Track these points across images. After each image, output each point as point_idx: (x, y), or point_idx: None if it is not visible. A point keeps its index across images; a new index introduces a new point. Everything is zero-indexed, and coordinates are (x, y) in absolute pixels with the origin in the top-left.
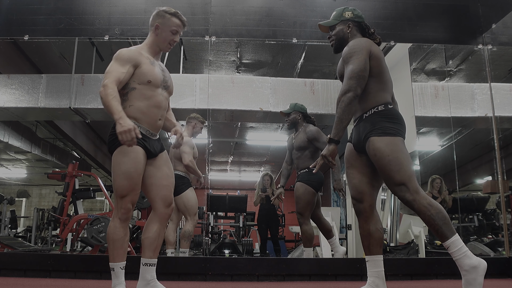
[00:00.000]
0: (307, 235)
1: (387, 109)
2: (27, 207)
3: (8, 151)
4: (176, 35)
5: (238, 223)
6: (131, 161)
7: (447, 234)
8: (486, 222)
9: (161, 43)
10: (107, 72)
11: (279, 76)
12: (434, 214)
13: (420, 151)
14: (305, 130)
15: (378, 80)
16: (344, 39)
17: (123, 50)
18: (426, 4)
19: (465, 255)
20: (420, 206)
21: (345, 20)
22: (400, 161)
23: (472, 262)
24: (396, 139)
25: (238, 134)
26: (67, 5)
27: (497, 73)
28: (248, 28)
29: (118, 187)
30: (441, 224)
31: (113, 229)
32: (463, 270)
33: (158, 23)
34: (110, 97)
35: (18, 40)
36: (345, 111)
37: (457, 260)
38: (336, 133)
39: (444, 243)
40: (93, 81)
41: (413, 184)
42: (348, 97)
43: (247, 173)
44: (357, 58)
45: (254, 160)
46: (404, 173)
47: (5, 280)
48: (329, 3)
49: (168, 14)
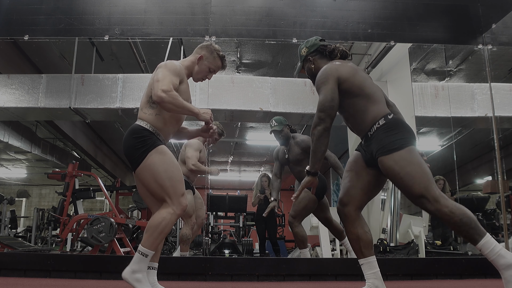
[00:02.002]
0: (300, 237)
1: (388, 121)
2: (27, 207)
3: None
4: (211, 74)
5: (238, 223)
6: (171, 156)
7: (476, 237)
8: (486, 222)
9: (196, 73)
10: (159, 80)
11: (279, 76)
12: (458, 221)
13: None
14: (296, 142)
15: (363, 96)
16: (314, 75)
17: (173, 62)
18: (426, 4)
19: (499, 254)
20: (443, 215)
21: (305, 58)
22: (412, 175)
23: (507, 261)
24: (403, 152)
25: (238, 134)
26: (67, 5)
27: (497, 73)
28: (248, 28)
29: (177, 182)
30: (467, 229)
31: (169, 222)
32: (500, 269)
33: (204, 56)
34: (178, 98)
35: (18, 40)
36: (317, 144)
37: (492, 261)
38: (312, 166)
39: (476, 246)
40: (93, 81)
41: (431, 194)
42: (318, 130)
43: (247, 173)
44: (324, 89)
45: (254, 160)
46: (419, 185)
47: (5, 280)
48: (329, 3)
49: (216, 53)
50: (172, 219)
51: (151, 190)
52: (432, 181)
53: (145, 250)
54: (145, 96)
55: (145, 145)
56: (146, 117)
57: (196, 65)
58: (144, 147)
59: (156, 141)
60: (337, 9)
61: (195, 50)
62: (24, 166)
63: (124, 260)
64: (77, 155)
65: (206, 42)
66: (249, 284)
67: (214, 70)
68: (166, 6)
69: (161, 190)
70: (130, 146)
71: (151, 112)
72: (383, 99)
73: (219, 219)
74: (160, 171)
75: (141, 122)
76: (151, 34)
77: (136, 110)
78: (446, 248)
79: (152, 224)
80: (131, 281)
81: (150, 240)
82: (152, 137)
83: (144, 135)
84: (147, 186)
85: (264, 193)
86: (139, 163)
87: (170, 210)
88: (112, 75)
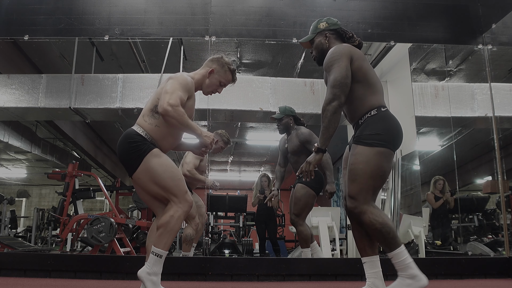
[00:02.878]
0: (303, 236)
1: (379, 113)
2: (27, 207)
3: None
4: (221, 88)
5: (238, 223)
6: (167, 158)
7: (391, 247)
8: (486, 222)
9: (207, 86)
10: (167, 92)
11: (279, 76)
12: (378, 229)
13: (420, 151)
14: (297, 134)
15: (365, 83)
16: (324, 50)
17: (185, 77)
18: (426, 4)
19: (408, 266)
20: (365, 220)
21: (321, 32)
22: (361, 174)
23: (413, 272)
24: (370, 150)
25: (238, 134)
26: (67, 5)
27: (497, 73)
28: (248, 28)
29: (179, 181)
30: (385, 238)
31: (177, 220)
32: (403, 278)
33: (215, 69)
34: (184, 116)
35: (18, 40)
36: (330, 121)
37: (399, 269)
38: (323, 142)
39: (388, 254)
40: (93, 81)
41: (364, 199)
42: (333, 106)
43: (247, 173)
44: (338, 65)
45: (254, 160)
46: (360, 186)
47: (5, 280)
48: (329, 3)
49: (227, 67)
50: (181, 217)
51: (153, 193)
52: (374, 192)
53: (159, 251)
54: (150, 103)
55: (139, 150)
56: (145, 125)
57: (207, 79)
58: (138, 152)
59: (150, 146)
60: (337, 9)
61: (206, 63)
62: (24, 166)
63: (124, 260)
64: (77, 155)
65: (217, 55)
66: (249, 284)
67: (225, 84)
68: (166, 6)
69: (165, 191)
70: (125, 152)
71: (152, 122)
72: (382, 92)
73: (219, 219)
74: (160, 172)
75: (138, 128)
76: (151, 34)
77: (136, 110)
78: (446, 248)
79: (161, 224)
80: (146, 282)
81: (163, 240)
82: (145, 142)
83: (137, 140)
84: (148, 189)
85: (264, 193)
86: (135, 168)
87: (177, 208)
88: (112, 75)
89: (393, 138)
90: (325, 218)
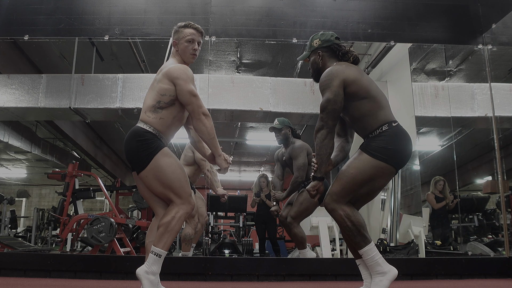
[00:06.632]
0: (299, 238)
1: (392, 128)
2: (27, 207)
3: (8, 151)
4: (193, 43)
5: (238, 223)
6: (176, 158)
7: (361, 244)
8: (486, 222)
9: (184, 56)
10: (196, 96)
11: (279, 76)
12: (349, 226)
13: (420, 151)
14: (293, 147)
15: (371, 99)
16: (318, 69)
17: (190, 73)
18: (426, 4)
19: (377, 262)
20: (337, 217)
21: (315, 50)
22: (347, 179)
23: (382, 269)
24: (370, 160)
25: (238, 134)
26: (67, 5)
27: (497, 73)
28: (248, 28)
29: (184, 183)
30: (355, 235)
31: (179, 220)
32: (374, 274)
33: (175, 39)
34: (214, 134)
35: (18, 40)
36: (321, 148)
37: (369, 267)
38: (318, 170)
39: (359, 251)
40: (93, 81)
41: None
42: (322, 133)
43: (247, 173)
44: (328, 90)
45: (254, 160)
46: (340, 187)
47: (5, 280)
48: (329, 3)
49: (180, 27)
50: (182, 218)
51: (157, 192)
52: (354, 198)
53: (158, 251)
54: (150, 100)
55: (149, 148)
56: (149, 120)
57: (177, 52)
58: (148, 150)
59: (160, 144)
60: (337, 9)
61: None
62: (24, 166)
63: (124, 260)
64: (77, 155)
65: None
66: (249, 284)
67: (191, 38)
68: (166, 6)
69: (169, 191)
70: (134, 150)
71: (156, 116)
72: (388, 105)
73: (219, 219)
74: (168, 173)
75: (144, 125)
76: (151, 34)
77: (136, 110)
78: (446, 248)
79: (162, 224)
80: (143, 280)
81: (163, 240)
82: (155, 139)
83: (147, 138)
84: (152, 188)
85: (260, 196)
86: (145, 166)
87: (180, 209)
88: (112, 75)
89: (399, 156)
90: (325, 218)
